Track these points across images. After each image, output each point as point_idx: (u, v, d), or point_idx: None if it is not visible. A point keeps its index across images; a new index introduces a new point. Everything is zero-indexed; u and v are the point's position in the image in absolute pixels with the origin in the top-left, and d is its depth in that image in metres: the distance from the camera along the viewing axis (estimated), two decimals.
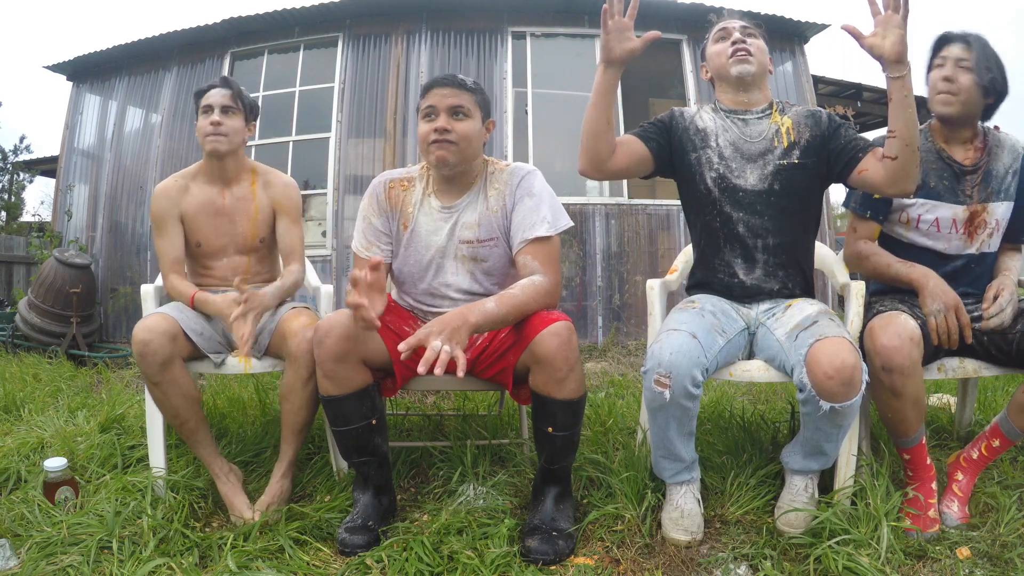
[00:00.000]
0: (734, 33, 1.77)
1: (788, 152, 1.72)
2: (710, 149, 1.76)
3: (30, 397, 2.97)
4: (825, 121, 1.75)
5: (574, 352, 1.54)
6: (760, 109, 1.78)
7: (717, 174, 1.75)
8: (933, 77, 1.78)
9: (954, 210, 1.77)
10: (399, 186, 1.84)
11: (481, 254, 1.78)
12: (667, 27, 5.82)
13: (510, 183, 1.76)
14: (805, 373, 1.45)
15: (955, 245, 1.79)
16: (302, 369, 1.74)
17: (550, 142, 5.78)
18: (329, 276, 5.35)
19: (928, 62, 1.82)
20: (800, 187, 1.73)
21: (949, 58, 1.75)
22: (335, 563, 1.53)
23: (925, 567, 1.46)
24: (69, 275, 4.79)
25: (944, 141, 1.82)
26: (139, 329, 1.70)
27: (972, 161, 1.79)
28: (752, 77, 1.75)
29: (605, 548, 1.57)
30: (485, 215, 1.77)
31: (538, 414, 1.61)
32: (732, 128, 1.77)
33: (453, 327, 1.42)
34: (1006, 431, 1.66)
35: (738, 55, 1.74)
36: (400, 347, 1.38)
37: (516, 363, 1.61)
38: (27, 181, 14.90)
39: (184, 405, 1.74)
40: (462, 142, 1.69)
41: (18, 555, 1.51)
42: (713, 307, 1.70)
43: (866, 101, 8.23)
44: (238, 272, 2.05)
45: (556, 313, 1.61)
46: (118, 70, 6.43)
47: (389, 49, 5.73)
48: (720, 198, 1.75)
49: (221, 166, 2.03)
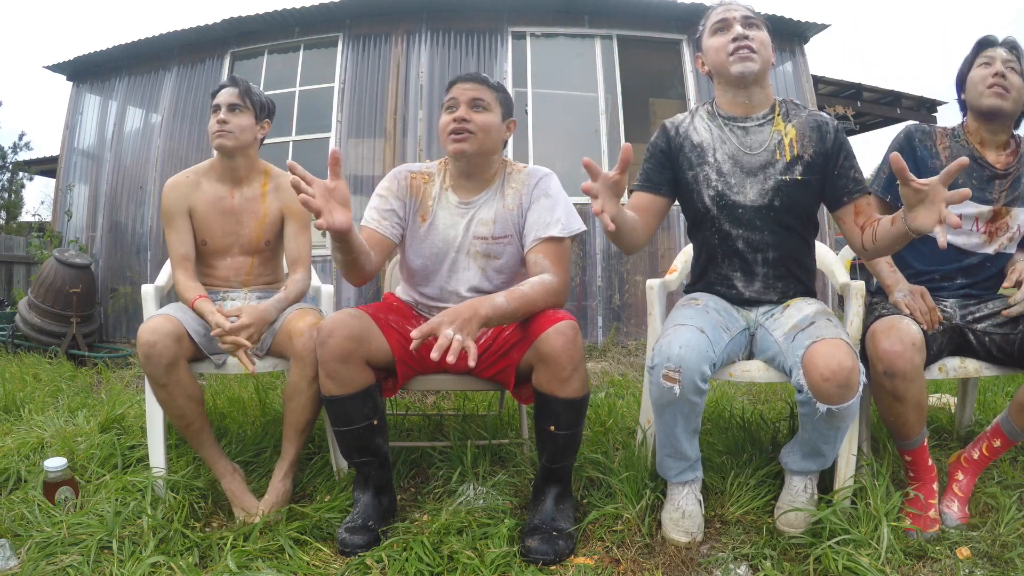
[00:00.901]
0: (735, 26, 1.62)
1: (790, 167, 1.64)
2: (707, 165, 1.68)
3: (30, 397, 2.96)
4: (831, 138, 1.65)
5: (579, 351, 1.55)
6: (762, 115, 1.68)
7: (716, 192, 1.68)
8: (979, 74, 1.76)
9: (979, 209, 1.77)
10: (420, 178, 1.86)
11: (495, 251, 1.79)
12: (667, 27, 5.82)
13: (528, 183, 1.79)
14: (802, 375, 1.44)
15: (974, 242, 1.79)
16: (308, 368, 1.74)
17: (550, 142, 5.78)
18: (329, 276, 5.35)
19: (969, 60, 1.81)
20: (801, 203, 1.67)
21: (997, 58, 1.74)
22: (335, 563, 1.53)
23: (925, 567, 1.46)
24: (69, 275, 4.79)
25: (979, 142, 1.80)
26: (144, 331, 1.70)
27: (1004, 166, 1.78)
28: (754, 76, 1.63)
29: (605, 548, 1.57)
30: (501, 212, 1.78)
31: (541, 413, 1.61)
32: (731, 139, 1.68)
33: (464, 318, 1.42)
34: (1007, 431, 1.65)
35: (740, 53, 1.60)
36: (413, 334, 1.37)
37: (520, 361, 1.61)
38: (27, 179, 14.90)
39: (189, 406, 1.74)
40: (480, 132, 1.70)
41: (18, 555, 1.51)
42: (716, 304, 1.69)
43: (866, 101, 8.23)
44: (241, 272, 2.06)
45: (562, 312, 1.61)
46: (118, 70, 6.43)
47: (389, 49, 5.73)
48: (719, 216, 1.69)
49: (231, 165, 2.03)
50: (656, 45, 5.90)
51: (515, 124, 1.83)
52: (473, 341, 1.40)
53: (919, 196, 1.28)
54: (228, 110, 1.98)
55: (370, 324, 1.65)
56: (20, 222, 13.19)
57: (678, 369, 1.42)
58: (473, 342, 1.39)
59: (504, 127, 1.79)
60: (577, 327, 1.56)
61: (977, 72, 1.77)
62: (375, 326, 1.66)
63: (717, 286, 1.78)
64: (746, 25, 1.63)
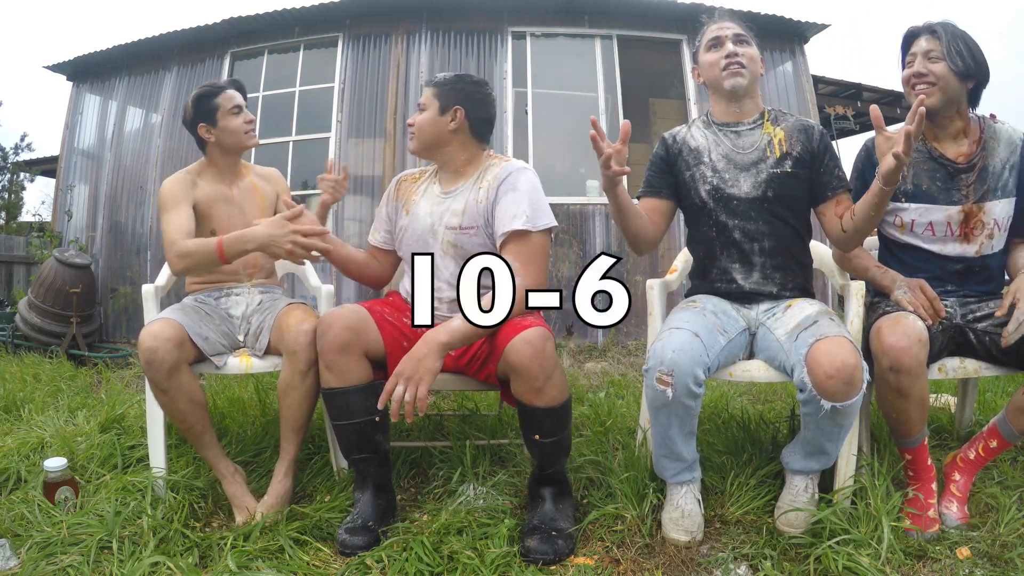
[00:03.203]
0: (727, 44, 1.76)
1: (781, 161, 1.75)
2: (703, 165, 1.80)
3: (30, 397, 2.97)
4: (816, 139, 1.77)
5: (549, 359, 1.52)
6: (752, 120, 1.81)
7: (711, 186, 1.78)
8: (905, 75, 1.75)
9: (948, 212, 1.72)
10: (409, 179, 2.00)
11: (462, 241, 1.79)
12: (667, 27, 5.82)
13: (499, 177, 1.77)
14: (806, 373, 1.45)
15: (952, 247, 1.75)
16: (300, 363, 1.75)
17: (550, 142, 5.78)
18: (329, 276, 5.35)
19: (901, 62, 1.78)
20: (793, 193, 1.76)
21: (918, 53, 1.72)
22: (335, 563, 1.53)
23: (925, 567, 1.46)
24: (69, 275, 4.79)
25: (934, 139, 1.77)
26: (145, 336, 1.69)
27: (966, 158, 1.73)
28: (744, 89, 1.77)
29: (605, 548, 1.57)
30: (472, 204, 1.79)
31: (524, 422, 1.61)
32: (724, 142, 1.81)
33: (416, 359, 1.50)
34: (1004, 433, 1.65)
35: (731, 68, 1.75)
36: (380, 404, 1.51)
37: (496, 371, 1.62)
38: (28, 180, 14.88)
39: (191, 410, 1.74)
40: (416, 131, 1.85)
41: (18, 555, 1.51)
42: (714, 307, 1.71)
43: (866, 101, 8.22)
44: (247, 264, 2.09)
45: (530, 319, 1.60)
46: (118, 70, 6.43)
47: (389, 49, 5.73)
48: (715, 208, 1.78)
49: (231, 162, 2.12)
50: (656, 45, 5.89)
51: (460, 111, 1.81)
52: (433, 377, 1.49)
53: (889, 144, 1.50)
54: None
55: (367, 317, 1.69)
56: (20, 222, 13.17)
57: (671, 373, 1.44)
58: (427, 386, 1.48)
59: (446, 120, 1.82)
60: (546, 333, 1.54)
61: (905, 72, 1.75)
62: (371, 319, 1.70)
63: (717, 283, 1.81)
64: (737, 42, 1.77)
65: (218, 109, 2.02)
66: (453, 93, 1.82)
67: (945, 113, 1.73)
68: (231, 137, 2.04)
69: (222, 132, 2.03)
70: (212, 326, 1.91)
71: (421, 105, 1.86)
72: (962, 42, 1.69)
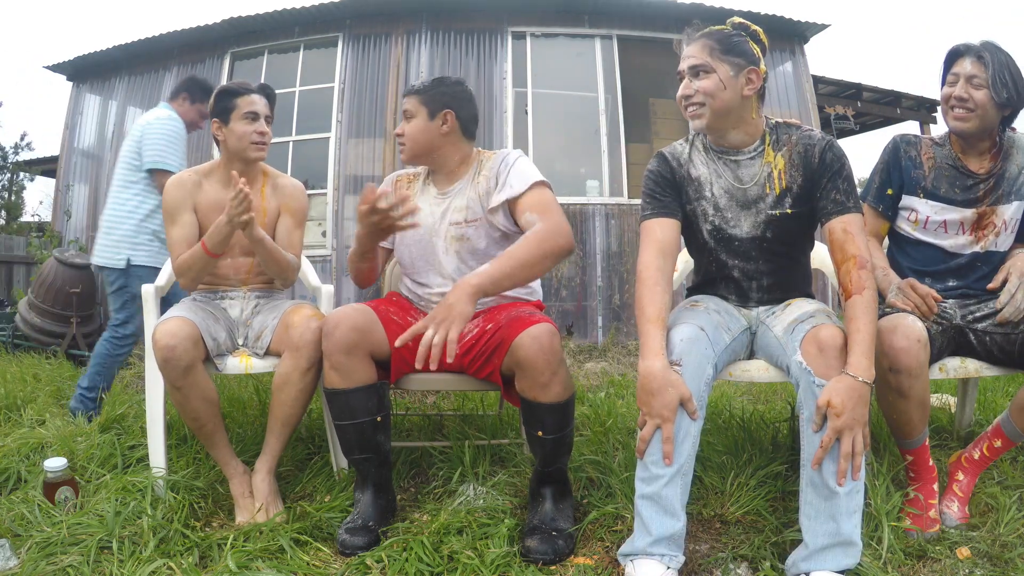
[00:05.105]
0: (685, 78, 1.59)
1: (780, 201, 1.62)
2: (705, 200, 1.68)
3: (30, 397, 2.97)
4: (816, 159, 1.57)
5: (556, 355, 1.54)
6: (751, 148, 1.65)
7: (713, 226, 1.69)
8: (945, 93, 1.74)
9: (963, 214, 1.77)
10: (405, 180, 2.01)
11: (467, 234, 1.83)
12: (667, 27, 5.82)
13: (495, 163, 1.84)
14: (799, 353, 1.44)
15: (960, 244, 1.79)
16: (303, 359, 1.74)
17: (550, 142, 5.78)
18: (329, 276, 5.35)
19: (941, 76, 1.78)
20: (792, 232, 1.67)
21: (961, 75, 1.70)
22: (335, 563, 1.53)
23: (925, 567, 1.45)
24: (69, 275, 4.79)
25: (961, 151, 1.81)
26: (162, 334, 1.67)
27: (987, 171, 1.77)
28: (708, 126, 1.59)
29: (605, 548, 1.57)
30: (473, 198, 1.84)
31: (527, 418, 1.62)
32: (725, 173, 1.66)
33: (448, 304, 1.46)
34: (1008, 432, 1.65)
35: (688, 111, 1.59)
36: (397, 342, 1.48)
37: (502, 366, 1.62)
38: (28, 179, 14.87)
39: (204, 408, 1.74)
40: (408, 141, 1.85)
41: (18, 555, 1.51)
42: (717, 306, 1.69)
43: (866, 101, 8.22)
44: (241, 271, 2.06)
45: (538, 315, 1.63)
46: (118, 70, 6.43)
47: (389, 49, 5.73)
48: (716, 248, 1.71)
49: (242, 168, 2.01)
50: (656, 45, 5.89)
51: (449, 113, 1.83)
52: (457, 333, 1.42)
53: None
54: (266, 121, 2.01)
55: (373, 317, 1.69)
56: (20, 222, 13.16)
57: (679, 361, 1.44)
58: (458, 331, 1.42)
59: (437, 124, 1.83)
60: (552, 330, 1.56)
61: (945, 91, 1.75)
62: (378, 319, 1.70)
63: (716, 295, 1.79)
64: (693, 75, 1.57)
65: (234, 109, 1.96)
66: (439, 97, 1.84)
67: (978, 137, 1.76)
68: (237, 142, 1.97)
69: (230, 134, 1.97)
70: (219, 326, 1.91)
71: (407, 113, 1.85)
72: (1008, 72, 1.67)
